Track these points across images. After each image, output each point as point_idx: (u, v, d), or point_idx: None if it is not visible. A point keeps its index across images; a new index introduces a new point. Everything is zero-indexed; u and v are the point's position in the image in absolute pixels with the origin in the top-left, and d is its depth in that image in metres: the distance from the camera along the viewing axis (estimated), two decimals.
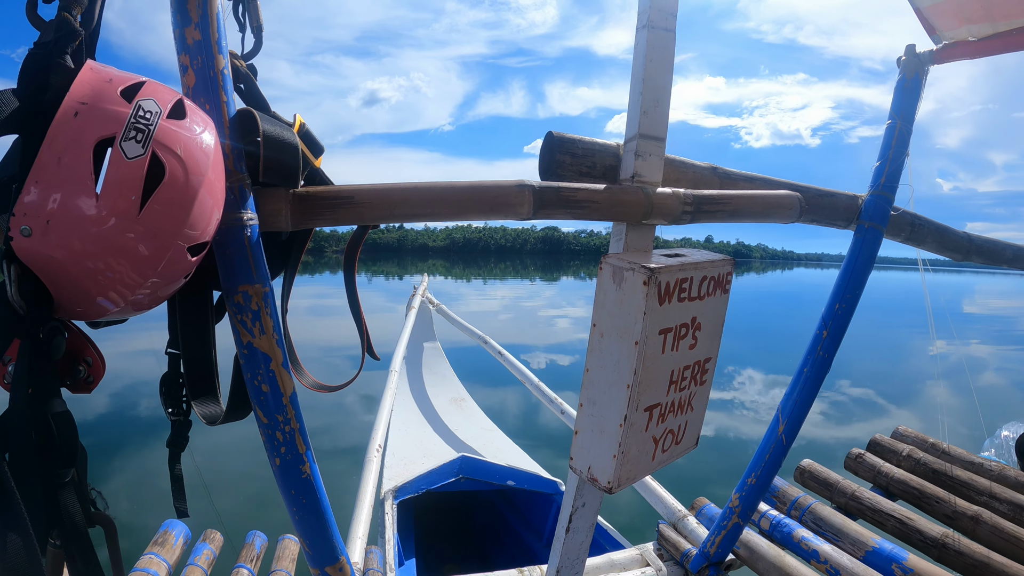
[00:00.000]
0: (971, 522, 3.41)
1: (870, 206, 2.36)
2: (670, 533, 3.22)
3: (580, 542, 2.02)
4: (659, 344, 1.55)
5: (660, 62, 1.65)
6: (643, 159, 1.70)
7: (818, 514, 3.35)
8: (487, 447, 4.56)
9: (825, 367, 2.43)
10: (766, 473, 2.56)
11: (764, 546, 3.02)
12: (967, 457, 4.18)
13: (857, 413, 10.98)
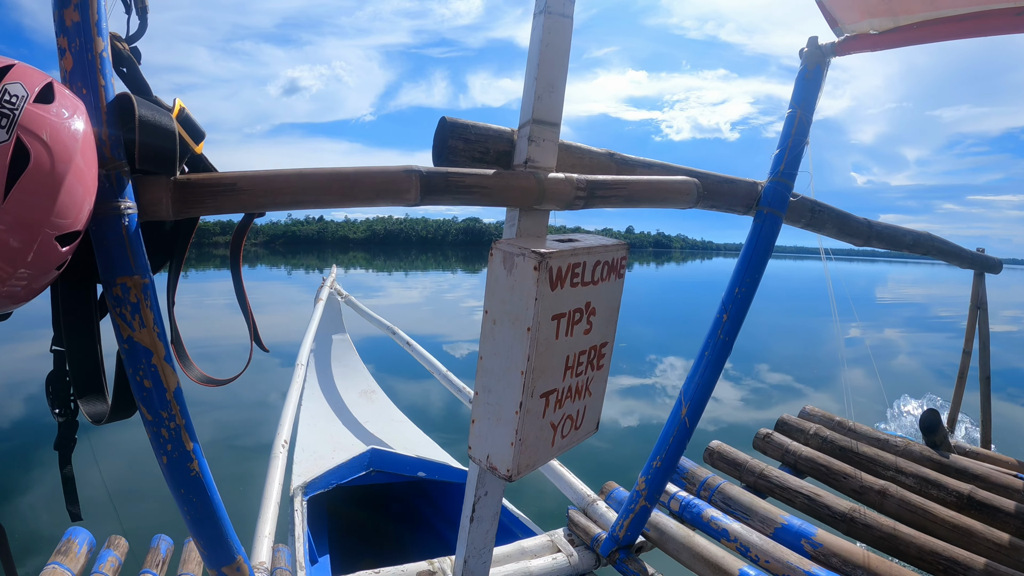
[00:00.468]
0: (878, 496, 3.51)
1: (769, 192, 2.38)
2: (580, 518, 3.23)
3: (485, 531, 2.00)
4: (552, 330, 1.54)
5: (556, 48, 1.63)
6: (537, 144, 1.68)
7: (727, 493, 3.40)
8: (397, 439, 4.51)
9: (726, 350, 2.45)
10: (671, 456, 2.57)
11: (673, 527, 3.04)
12: (873, 434, 4.30)
13: (776, 396, 11.25)
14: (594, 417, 1.89)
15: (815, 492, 3.47)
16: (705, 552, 2.88)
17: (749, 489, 3.62)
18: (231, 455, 6.76)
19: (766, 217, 2.39)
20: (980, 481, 3.77)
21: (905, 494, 3.47)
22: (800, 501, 3.47)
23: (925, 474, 3.71)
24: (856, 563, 2.83)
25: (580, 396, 1.75)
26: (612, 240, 1.70)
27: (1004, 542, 3.08)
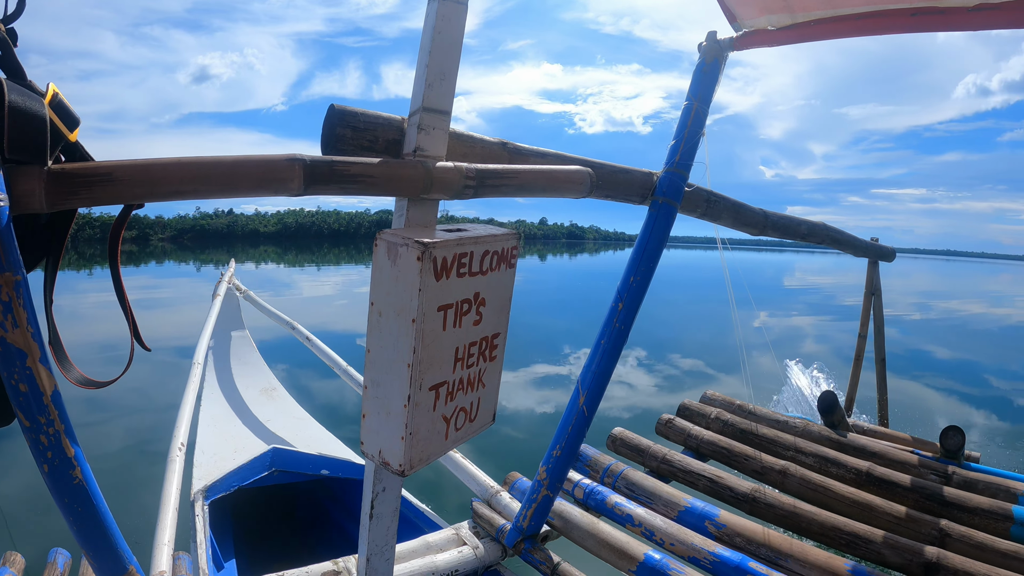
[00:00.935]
0: (779, 476, 3.61)
1: (664, 183, 2.40)
2: (484, 510, 3.22)
3: (386, 527, 1.96)
4: (439, 321, 1.50)
5: (449, 35, 1.59)
6: (426, 133, 1.64)
7: (631, 479, 3.44)
8: (300, 437, 4.40)
9: (622, 338, 2.46)
10: (571, 444, 2.58)
11: (578, 515, 3.06)
12: (772, 416, 4.43)
13: (688, 383, 11.47)
14: (490, 409, 1.87)
15: (717, 474, 3.54)
16: (610, 538, 2.90)
17: (653, 474, 3.67)
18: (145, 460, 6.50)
19: (661, 207, 2.40)
20: (878, 458, 3.92)
21: (805, 473, 3.58)
22: (703, 484, 3.54)
23: (824, 453, 3.84)
24: (759, 541, 2.90)
25: (473, 388, 1.73)
26: (502, 230, 1.67)
27: (902, 514, 3.22)
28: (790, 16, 2.52)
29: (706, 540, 2.91)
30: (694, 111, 2.47)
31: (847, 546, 3.06)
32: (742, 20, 2.65)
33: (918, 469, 3.80)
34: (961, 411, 10.79)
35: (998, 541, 3.01)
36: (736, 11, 2.62)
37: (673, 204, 2.41)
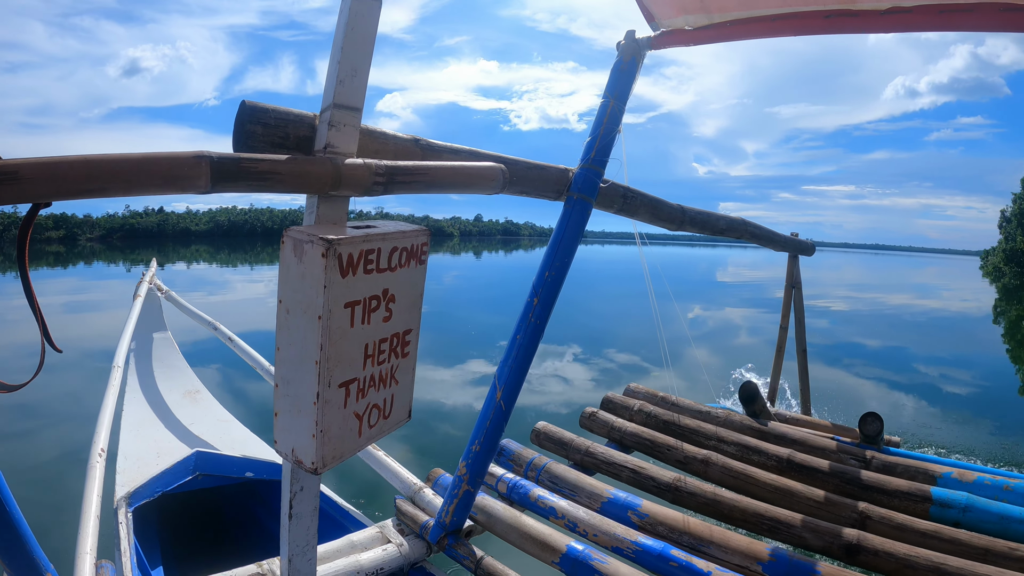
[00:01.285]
0: (702, 465, 3.70)
1: (579, 179, 2.43)
2: (407, 507, 3.21)
3: (306, 527, 1.95)
4: (346, 318, 1.50)
5: (362, 31, 1.59)
6: (337, 129, 1.63)
7: (554, 472, 3.47)
8: (224, 440, 4.31)
9: (538, 333, 2.49)
10: (489, 439, 2.59)
11: (500, 509, 3.08)
12: (695, 407, 4.53)
13: (624, 376, 11.57)
14: (404, 405, 1.87)
15: (640, 465, 3.61)
16: (533, 531, 2.93)
17: (576, 467, 3.72)
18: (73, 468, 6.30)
19: (576, 203, 2.44)
20: (799, 445, 4.04)
21: (727, 461, 3.67)
22: (626, 475, 3.60)
23: (746, 441, 3.94)
24: (681, 529, 2.96)
25: (386, 385, 1.73)
26: (411, 226, 1.68)
27: (823, 499, 3.32)
28: (707, 16, 2.58)
29: (629, 530, 2.96)
30: (610, 108, 2.51)
31: (769, 531, 3.15)
32: (660, 20, 2.70)
33: (838, 455, 3.93)
34: (891, 398, 11.16)
35: (917, 522, 3.13)
36: (654, 11, 2.67)
37: (588, 200, 2.44)
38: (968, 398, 11.60)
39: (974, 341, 20.64)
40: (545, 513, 3.18)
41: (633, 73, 2.62)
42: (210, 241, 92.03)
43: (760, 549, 2.83)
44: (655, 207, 2.89)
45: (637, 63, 2.62)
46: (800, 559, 2.78)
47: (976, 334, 22.65)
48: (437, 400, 9.14)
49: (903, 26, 2.25)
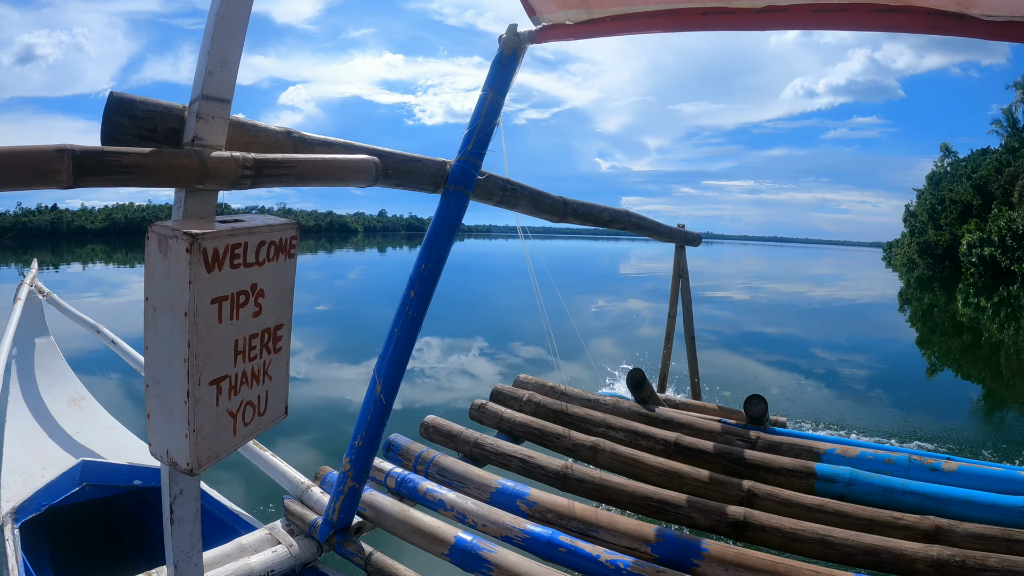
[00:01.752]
0: (590, 451, 3.80)
1: (457, 171, 2.46)
2: (295, 507, 3.18)
3: (189, 532, 1.91)
4: (214, 314, 1.49)
5: (233, 20, 1.57)
6: (205, 122, 1.61)
7: (442, 465, 3.50)
8: (111, 448, 4.15)
9: (416, 326, 2.50)
10: (372, 434, 2.60)
11: (388, 503, 3.08)
12: (584, 395, 4.63)
13: (530, 371, 11.62)
14: (280, 402, 1.87)
15: (529, 455, 3.67)
16: (421, 524, 2.94)
17: (466, 459, 3.75)
18: None
19: (452, 195, 2.47)
20: (686, 429, 4.19)
21: (616, 447, 3.78)
22: (515, 464, 3.66)
23: (634, 427, 4.06)
24: (569, 515, 3.03)
25: (259, 381, 1.72)
26: (280, 220, 1.67)
27: (708, 479, 3.47)
28: (587, 11, 2.64)
29: (517, 518, 3.01)
30: (489, 101, 2.54)
31: (657, 512, 3.26)
32: (541, 14, 2.75)
33: (724, 436, 4.09)
34: (791, 381, 11.66)
35: (803, 496, 3.30)
36: (536, 5, 2.72)
37: (465, 192, 2.48)
38: (864, 379, 12.28)
39: (880, 327, 21.87)
40: (434, 506, 3.20)
41: (513, 67, 2.66)
42: (106, 240, 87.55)
43: (648, 531, 2.92)
44: (536, 199, 2.94)
45: (518, 57, 2.67)
46: (688, 538, 2.89)
47: (882, 321, 23.93)
48: (344, 398, 8.99)
49: (778, 24, 2.36)
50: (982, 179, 51.34)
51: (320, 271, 38.31)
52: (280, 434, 7.19)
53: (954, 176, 60.86)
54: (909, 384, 12.08)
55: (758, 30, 2.42)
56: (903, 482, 3.45)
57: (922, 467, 3.64)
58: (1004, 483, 3.51)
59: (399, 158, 2.22)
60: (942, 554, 2.80)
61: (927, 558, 2.80)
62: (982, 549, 2.90)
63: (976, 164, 56.54)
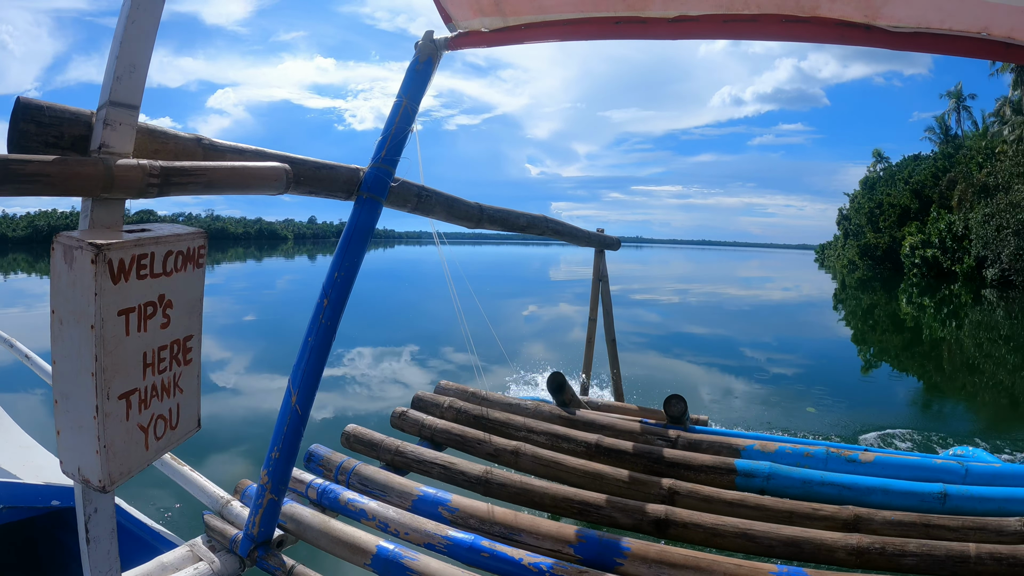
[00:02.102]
0: (512, 456, 3.84)
1: (370, 178, 2.47)
2: (216, 522, 3.11)
3: (106, 551, 1.87)
4: (121, 326, 1.47)
5: (143, 24, 1.56)
6: (112, 128, 1.59)
7: (364, 474, 3.48)
8: (27, 467, 3.98)
9: (330, 335, 2.49)
10: (288, 445, 2.57)
11: (308, 515, 3.05)
12: (505, 400, 4.68)
13: (463, 377, 11.57)
14: (192, 414, 1.84)
15: (450, 461, 3.69)
16: (342, 535, 2.93)
17: (388, 467, 3.74)
18: None
19: (365, 202, 2.47)
20: (607, 430, 4.27)
21: (537, 451, 3.83)
22: (437, 471, 3.67)
23: (555, 430, 4.13)
24: (491, 520, 3.05)
25: (169, 394, 1.70)
26: (187, 228, 1.66)
27: (630, 479, 3.54)
28: (502, 19, 2.68)
29: (439, 525, 3.02)
30: (403, 108, 2.56)
31: (579, 514, 3.32)
32: (457, 21, 2.78)
33: (645, 436, 4.19)
34: (721, 380, 11.98)
35: (724, 492, 3.41)
36: (452, 12, 2.74)
37: (378, 199, 2.48)
38: (792, 377, 12.75)
39: (808, 326, 22.69)
40: (356, 516, 3.18)
41: (429, 73, 2.68)
42: (29, 248, 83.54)
43: (570, 532, 2.96)
44: (451, 205, 2.96)
45: (433, 63, 2.69)
46: (610, 538, 2.94)
47: (823, 321, 24.81)
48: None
49: (690, 34, 2.44)
50: (919, 184, 53.98)
51: (249, 280, 37.87)
52: (211, 447, 7.09)
53: (888, 180, 64.02)
54: (857, 377, 12.63)
55: (671, 39, 2.49)
56: (821, 474, 3.58)
57: (840, 459, 3.79)
58: (920, 471, 3.69)
59: (311, 165, 2.22)
60: (862, 542, 2.93)
61: (847, 546, 2.92)
62: (901, 535, 3.05)
63: (911, 169, 59.52)
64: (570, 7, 2.53)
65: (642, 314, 22.68)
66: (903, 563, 2.88)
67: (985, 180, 42.77)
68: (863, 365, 15.41)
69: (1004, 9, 2.05)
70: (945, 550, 2.88)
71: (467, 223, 3.16)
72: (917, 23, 2.21)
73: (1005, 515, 3.22)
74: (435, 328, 17.78)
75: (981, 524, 3.12)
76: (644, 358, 13.36)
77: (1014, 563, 2.84)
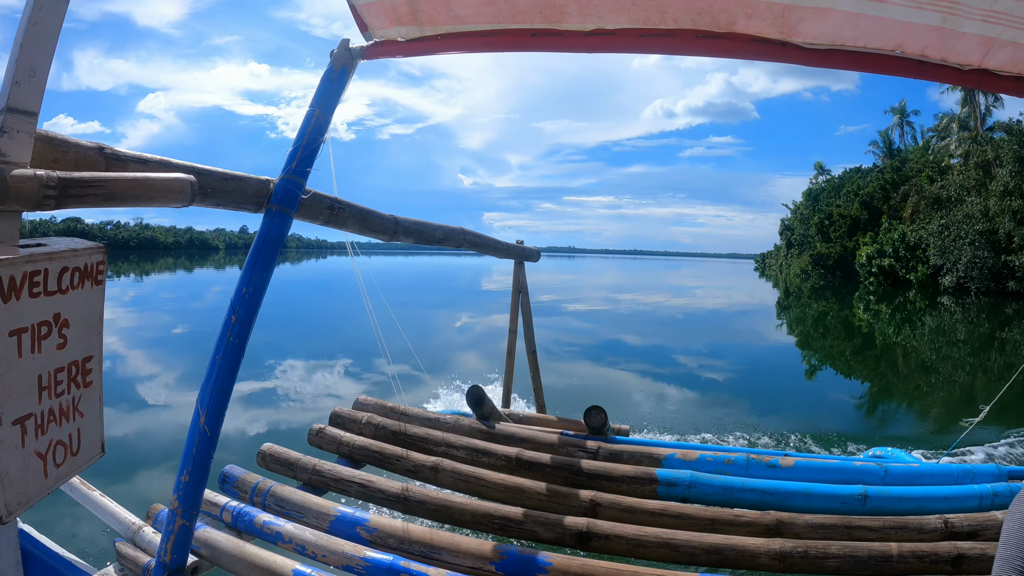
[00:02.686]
0: (431, 472, 3.80)
1: (280, 190, 2.41)
2: (127, 549, 2.97)
3: None
4: (13, 347, 1.40)
5: (46, 27, 1.49)
6: (10, 136, 1.51)
7: (280, 495, 3.39)
8: None
9: (238, 353, 2.41)
10: (198, 467, 2.48)
11: (223, 540, 2.95)
12: (424, 415, 4.65)
13: (403, 387, 11.37)
14: (95, 439, 1.77)
15: (368, 479, 3.63)
16: (258, 559, 2.84)
17: (305, 487, 3.65)
18: None
19: (275, 215, 2.41)
20: (527, 443, 4.28)
21: (457, 466, 3.80)
22: (355, 490, 3.61)
23: (475, 444, 4.11)
24: (410, 539, 3.01)
25: (68, 419, 1.62)
26: (85, 243, 1.59)
27: (553, 492, 3.56)
28: (419, 29, 2.66)
29: (357, 546, 2.96)
30: (315, 117, 2.51)
31: (501, 529, 3.31)
32: (373, 30, 2.74)
33: (566, 448, 4.21)
34: (654, 388, 12.06)
35: (646, 502, 3.46)
36: (368, 21, 2.71)
37: (288, 212, 2.43)
38: (724, 384, 12.96)
39: (756, 334, 23.10)
40: (272, 539, 3.09)
41: (343, 83, 2.65)
42: None
43: (490, 549, 2.96)
44: (365, 218, 2.92)
45: (348, 73, 2.65)
46: (532, 553, 2.95)
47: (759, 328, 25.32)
48: (258, 422, 8.60)
49: (606, 47, 2.46)
50: (868, 196, 56.26)
51: (178, 291, 37.20)
52: (142, 466, 6.90)
53: (832, 192, 66.63)
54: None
55: (587, 52, 2.51)
56: (743, 480, 3.66)
57: (760, 465, 3.88)
58: (840, 474, 3.81)
59: (218, 176, 2.15)
60: (784, 546, 3.00)
61: (770, 552, 2.99)
62: (824, 538, 3.14)
63: (857, 182, 61.76)
64: (487, 18, 2.53)
65: (574, 323, 22.99)
66: (826, 565, 2.97)
67: (938, 193, 45.19)
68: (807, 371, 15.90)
69: (918, 28, 2.14)
70: (868, 551, 2.98)
71: (382, 236, 3.13)
72: (832, 40, 2.28)
73: (925, 513, 3.37)
74: (368, 340, 17.53)
75: (902, 523, 3.26)
76: (578, 368, 13.52)
77: (936, 560, 2.96)
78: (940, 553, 2.98)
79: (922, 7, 2.06)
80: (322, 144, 2.52)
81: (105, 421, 1.79)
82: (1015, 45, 2.17)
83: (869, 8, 2.11)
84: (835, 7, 2.13)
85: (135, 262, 73.98)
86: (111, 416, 8.54)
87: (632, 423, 6.27)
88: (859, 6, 2.11)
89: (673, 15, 2.31)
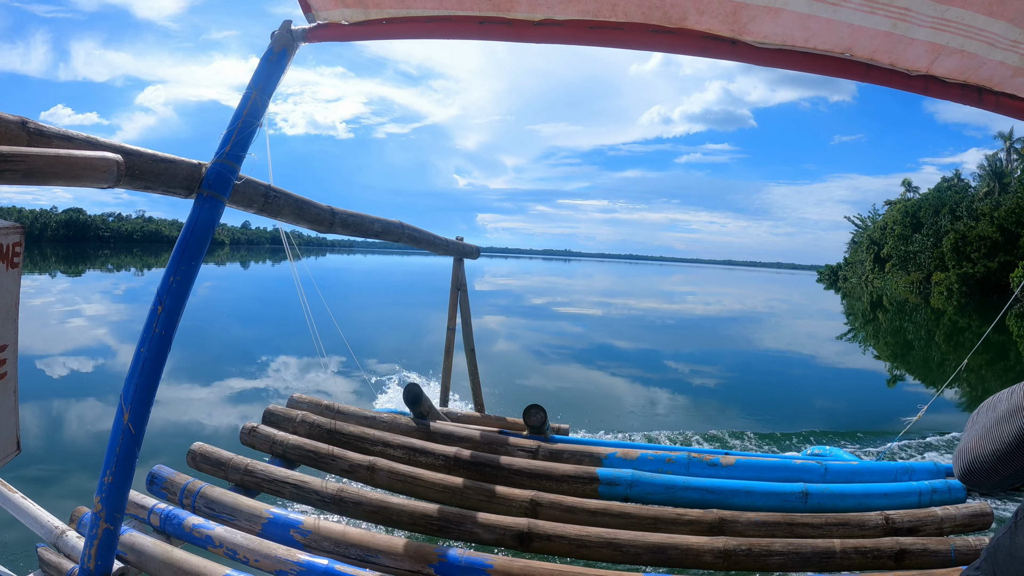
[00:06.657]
0: (368, 472, 3.72)
1: (212, 175, 2.32)
2: (50, 555, 2.82)
3: None
4: None
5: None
6: None
7: (210, 497, 3.25)
8: None
9: (165, 345, 2.30)
10: (122, 468, 2.35)
11: (150, 545, 2.82)
12: (360, 413, 4.56)
13: (385, 386, 11.18)
14: (8, 436, 1.66)
15: (302, 480, 3.52)
16: (187, 565, 2.73)
17: (238, 488, 3.53)
18: None
19: (206, 200, 2.31)
20: (466, 442, 4.23)
21: (394, 466, 3.73)
22: (288, 491, 3.50)
23: (412, 444, 4.05)
24: (346, 542, 2.94)
25: None
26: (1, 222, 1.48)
27: (491, 492, 3.54)
28: (363, 12, 2.59)
29: (291, 550, 2.87)
30: (252, 100, 2.43)
31: (440, 531, 3.25)
32: (317, 12, 2.68)
33: (506, 448, 4.18)
34: (644, 392, 12.04)
35: (587, 502, 3.44)
36: (311, 1, 2.64)
37: (220, 198, 2.33)
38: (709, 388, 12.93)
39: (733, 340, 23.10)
40: (202, 543, 2.97)
41: (283, 65, 2.57)
42: None
43: (429, 551, 2.91)
44: (301, 208, 2.84)
45: (288, 55, 2.58)
46: (472, 555, 2.90)
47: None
48: (196, 421, 8.27)
49: (554, 38, 2.43)
50: (1003, 219, 57.83)
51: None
52: (96, 466, 6.48)
53: (929, 210, 68.03)
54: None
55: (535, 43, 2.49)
56: (684, 479, 3.68)
57: (702, 463, 3.91)
58: (781, 472, 3.86)
59: (148, 157, 2.04)
60: (728, 544, 3.02)
61: (714, 550, 3.02)
62: (767, 535, 3.18)
63: (956, 197, 64.61)
64: (433, 4, 2.49)
65: (566, 326, 23.07)
66: (770, 563, 3.00)
67: None
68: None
69: (868, 32, 2.18)
70: (811, 547, 3.03)
71: (318, 227, 3.04)
72: (783, 40, 2.30)
73: (866, 510, 3.43)
74: (356, 336, 17.27)
75: (844, 520, 3.32)
76: (567, 370, 13.61)
77: (878, 555, 3.02)
78: (882, 549, 3.04)
79: (874, 11, 2.09)
80: (259, 128, 2.43)
81: (88, 417, 1.68)
82: (962, 53, 2.23)
83: (821, 10, 2.13)
84: (787, 7, 2.15)
85: (138, 255, 72.09)
86: (90, 411, 8.25)
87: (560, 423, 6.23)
88: (811, 8, 2.13)
89: (624, 8, 2.29)
